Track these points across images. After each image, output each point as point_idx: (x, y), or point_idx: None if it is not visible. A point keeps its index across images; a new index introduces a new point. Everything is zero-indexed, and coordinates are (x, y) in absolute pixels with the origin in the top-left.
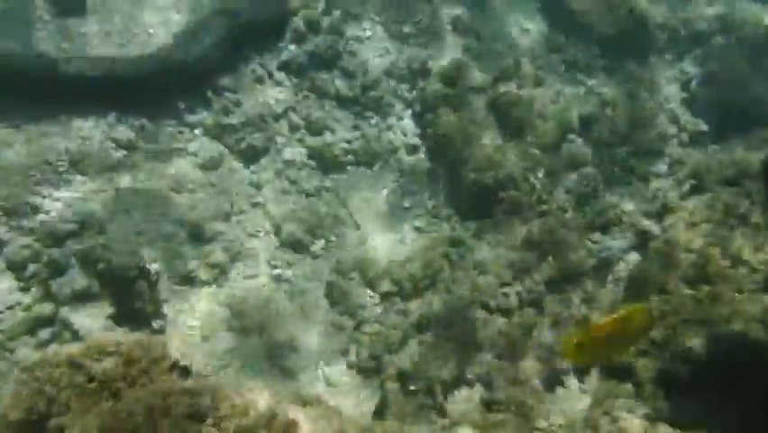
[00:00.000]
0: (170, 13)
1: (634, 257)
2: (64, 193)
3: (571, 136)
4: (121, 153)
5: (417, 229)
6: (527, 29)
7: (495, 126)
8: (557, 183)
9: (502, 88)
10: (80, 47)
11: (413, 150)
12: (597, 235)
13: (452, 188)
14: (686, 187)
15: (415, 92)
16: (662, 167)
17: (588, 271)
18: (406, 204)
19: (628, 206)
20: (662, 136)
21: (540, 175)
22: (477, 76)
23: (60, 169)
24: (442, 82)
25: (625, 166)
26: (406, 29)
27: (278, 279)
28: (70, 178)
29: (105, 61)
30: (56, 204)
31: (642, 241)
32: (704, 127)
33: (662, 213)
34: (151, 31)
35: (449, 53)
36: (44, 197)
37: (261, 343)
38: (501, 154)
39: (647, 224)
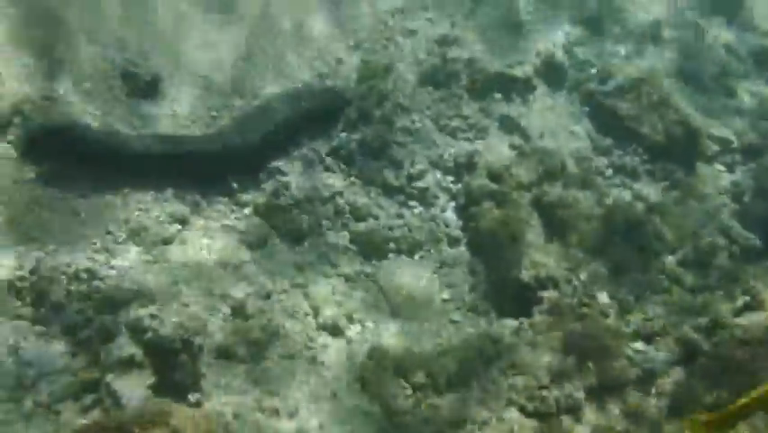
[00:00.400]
0: (233, 98)
1: (679, 372)
2: (120, 262)
3: (616, 240)
4: (175, 228)
5: (454, 322)
6: (574, 130)
7: (539, 225)
8: (600, 287)
9: (547, 188)
10: (150, 126)
11: (455, 242)
12: (639, 345)
13: (492, 284)
14: (739, 303)
15: (460, 185)
16: (711, 280)
17: (630, 382)
18: (445, 296)
19: (674, 317)
20: (712, 247)
21: (582, 277)
22: (522, 173)
23: (119, 239)
24: (487, 177)
25: (671, 275)
26: (455, 123)
27: (312, 361)
28: (127, 248)
29: (167, 139)
30: (111, 272)
31: (689, 355)
32: (757, 242)
33: (711, 328)
34: (215, 113)
35: (495, 149)
36: (102, 264)
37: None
38: (544, 253)
39: (695, 337)
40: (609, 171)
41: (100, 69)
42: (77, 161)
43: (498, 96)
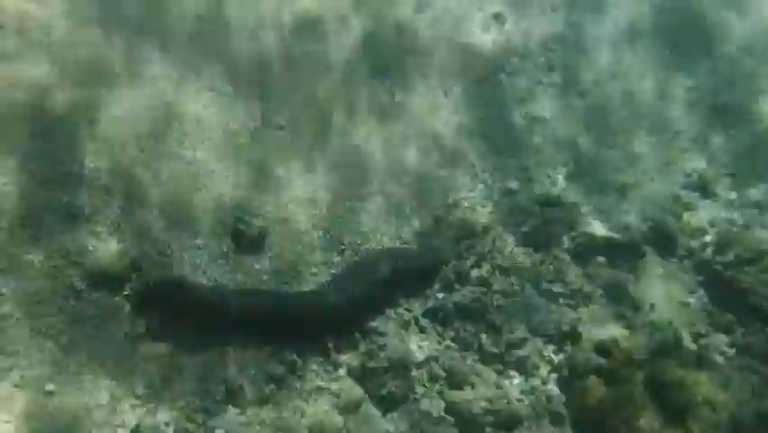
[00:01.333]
0: (332, 255)
1: None
2: (216, 423)
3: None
4: (270, 388)
5: None
6: (687, 302)
7: (653, 407)
8: None
9: (661, 366)
10: (253, 283)
11: (558, 419)
12: None
13: None
14: None
15: (562, 355)
16: None
17: None
18: None
19: None
20: None
21: None
22: (632, 348)
23: (217, 397)
24: (593, 350)
25: None
26: (556, 288)
27: None
28: (224, 408)
29: (268, 296)
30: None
31: None
32: None
33: None
34: (314, 270)
35: (601, 319)
36: (198, 425)
37: None
38: None
39: None
40: (732, 351)
41: (211, 226)
42: (185, 317)
43: (602, 260)
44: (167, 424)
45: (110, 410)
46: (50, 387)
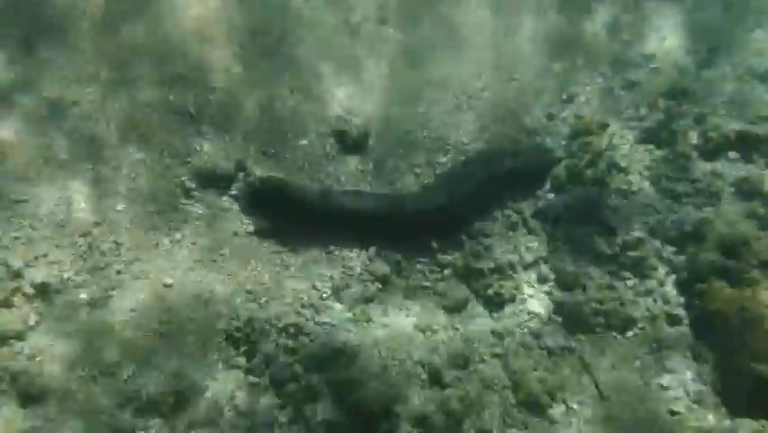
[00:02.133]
0: (438, 155)
1: None
2: (324, 318)
3: None
4: (375, 286)
5: (674, 414)
6: None
7: None
8: None
9: None
10: (356, 184)
11: (675, 321)
12: None
13: (721, 374)
14: None
15: (683, 257)
16: None
17: None
18: (663, 382)
19: None
20: None
21: None
22: (764, 248)
23: (324, 295)
24: (718, 251)
25: None
26: (680, 187)
27: None
28: (331, 304)
29: (373, 196)
30: (316, 328)
31: None
32: None
33: None
34: (419, 170)
35: (729, 218)
36: (307, 319)
37: None
38: None
39: None
40: None
41: (317, 127)
42: (291, 216)
43: (735, 155)
44: (277, 318)
45: (226, 302)
46: (168, 280)
